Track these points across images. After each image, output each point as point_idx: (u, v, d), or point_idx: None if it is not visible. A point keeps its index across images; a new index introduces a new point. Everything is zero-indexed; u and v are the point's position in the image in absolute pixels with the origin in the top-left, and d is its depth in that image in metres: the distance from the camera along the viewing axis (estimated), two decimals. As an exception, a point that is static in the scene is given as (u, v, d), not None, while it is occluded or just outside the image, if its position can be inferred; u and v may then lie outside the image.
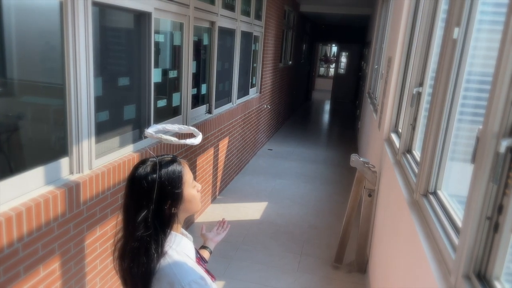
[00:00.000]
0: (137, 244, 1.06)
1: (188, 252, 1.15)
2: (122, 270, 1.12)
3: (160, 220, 1.08)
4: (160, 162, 1.12)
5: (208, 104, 4.48)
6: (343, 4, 9.66)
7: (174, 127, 1.19)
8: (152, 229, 1.06)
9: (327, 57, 19.08)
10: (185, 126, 1.19)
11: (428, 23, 2.44)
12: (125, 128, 2.81)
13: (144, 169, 1.11)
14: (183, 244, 1.15)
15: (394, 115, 3.25)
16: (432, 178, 1.79)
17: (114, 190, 2.51)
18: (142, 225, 1.06)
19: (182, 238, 1.16)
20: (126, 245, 1.09)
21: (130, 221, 1.08)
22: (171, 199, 1.10)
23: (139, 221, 1.05)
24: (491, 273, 1.09)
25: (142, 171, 1.10)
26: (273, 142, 7.69)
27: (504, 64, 1.04)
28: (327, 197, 5.13)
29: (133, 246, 1.06)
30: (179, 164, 1.14)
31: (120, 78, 2.74)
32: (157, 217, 1.08)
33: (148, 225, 1.06)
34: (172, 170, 1.11)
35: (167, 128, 1.18)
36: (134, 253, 1.06)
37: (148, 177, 1.08)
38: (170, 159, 1.15)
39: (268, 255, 3.61)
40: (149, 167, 1.11)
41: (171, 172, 1.11)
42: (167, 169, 1.10)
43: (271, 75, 7.43)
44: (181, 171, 1.13)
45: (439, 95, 1.74)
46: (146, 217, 1.06)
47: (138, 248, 1.06)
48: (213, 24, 4.26)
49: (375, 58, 6.55)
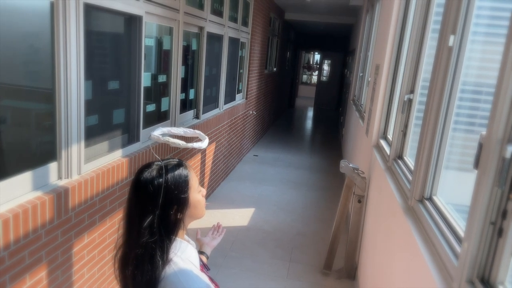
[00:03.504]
0: (142, 251, 1.02)
1: (192, 259, 1.12)
2: (125, 278, 1.07)
3: (166, 226, 1.05)
4: (166, 166, 1.08)
5: (196, 109, 4.44)
6: (326, 13, 9.79)
7: (180, 130, 1.16)
8: (158, 236, 1.02)
9: (310, 65, 19.28)
10: (190, 129, 1.17)
11: (419, 32, 2.48)
12: (115, 133, 2.75)
13: (149, 173, 1.07)
14: (189, 251, 1.12)
15: (382, 122, 3.29)
16: (428, 184, 1.81)
17: (103, 196, 2.45)
18: (147, 231, 1.02)
19: (187, 245, 1.13)
20: (129, 252, 1.05)
21: (134, 227, 1.04)
22: (177, 204, 1.07)
23: (144, 227, 1.01)
24: (495, 278, 1.10)
25: (147, 175, 1.06)
26: (259, 148, 7.68)
27: (508, 72, 1.05)
28: (314, 203, 5.14)
29: (137, 253, 1.02)
30: (185, 168, 1.11)
31: (110, 81, 2.69)
32: (162, 223, 1.04)
33: (154, 231, 1.02)
34: (178, 174, 1.08)
35: (172, 131, 1.15)
36: (138, 260, 1.02)
37: (154, 181, 1.05)
38: (176, 162, 1.11)
39: (256, 262, 3.58)
40: (154, 171, 1.07)
41: (177, 176, 1.08)
42: (173, 173, 1.07)
43: (256, 81, 7.45)
44: (187, 175, 1.10)
45: (434, 100, 1.76)
46: (151, 223, 1.02)
47: (142, 255, 1.02)
48: (202, 29, 4.24)
49: (359, 66, 6.65)
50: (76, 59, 2.09)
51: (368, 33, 5.97)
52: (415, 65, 2.51)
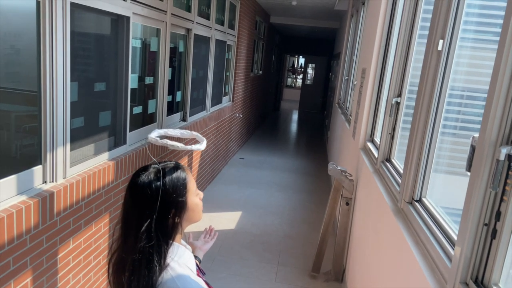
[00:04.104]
0: (139, 256, 0.99)
1: (189, 264, 1.09)
2: (120, 283, 1.04)
3: (163, 231, 1.02)
4: (164, 168, 1.06)
5: (183, 111, 4.40)
6: (311, 17, 9.87)
7: (176, 132, 1.14)
8: (155, 240, 1.00)
9: (294, 68, 19.40)
10: (187, 131, 1.15)
11: (406, 37, 2.51)
12: (101, 135, 2.70)
13: (147, 176, 1.04)
14: (186, 256, 1.09)
15: (369, 125, 3.32)
16: (418, 186, 1.83)
17: (89, 200, 2.39)
18: (144, 235, 0.99)
19: (185, 250, 1.10)
20: (125, 256, 1.02)
21: (131, 231, 1.01)
22: (175, 208, 1.04)
23: (141, 231, 0.99)
24: (490, 279, 1.11)
25: (145, 178, 1.04)
26: (245, 151, 7.66)
27: (501, 76, 1.07)
28: (301, 206, 5.15)
29: (134, 258, 0.99)
30: (183, 171, 1.09)
31: (96, 83, 2.64)
32: (160, 227, 1.01)
33: (151, 235, 1.00)
34: (176, 177, 1.06)
35: (169, 133, 1.13)
36: (134, 265, 0.99)
37: (152, 184, 1.02)
38: (174, 165, 1.09)
39: (245, 266, 3.56)
40: (152, 174, 1.05)
41: (175, 179, 1.05)
42: (171, 176, 1.05)
43: (243, 84, 7.44)
44: (185, 178, 1.08)
45: (424, 103, 1.78)
46: (149, 227, 1.00)
47: (139, 260, 0.99)
48: (189, 31, 4.21)
49: (344, 69, 6.71)
50: (63, 60, 2.04)
51: (353, 37, 6.03)
52: (402, 69, 2.55)
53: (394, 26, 3.02)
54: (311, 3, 7.76)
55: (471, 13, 1.75)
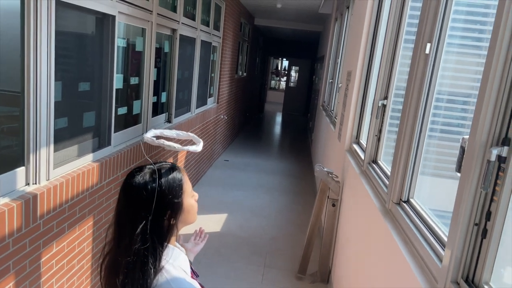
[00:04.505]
0: (133, 258, 0.96)
1: (184, 266, 1.07)
2: (113, 286, 1.01)
3: (158, 232, 1.00)
4: (160, 169, 1.04)
5: (168, 113, 4.35)
6: (295, 20, 9.94)
7: (172, 132, 1.12)
8: (150, 242, 0.97)
9: (278, 70, 19.47)
10: (183, 132, 1.13)
11: (392, 41, 2.54)
12: (85, 136, 2.64)
13: (142, 177, 1.02)
14: (181, 258, 1.07)
15: (355, 127, 3.35)
16: (405, 186, 1.85)
17: (72, 203, 2.34)
18: (139, 237, 0.97)
19: (180, 252, 1.08)
20: (119, 259, 0.99)
21: (125, 233, 0.99)
22: (171, 209, 1.02)
23: (136, 233, 0.96)
24: (480, 278, 1.13)
25: (140, 179, 1.01)
26: (229, 153, 7.64)
27: (491, 78, 1.09)
28: (286, 207, 5.16)
29: (128, 261, 0.97)
30: (179, 172, 1.07)
31: (80, 83, 2.58)
32: (155, 229, 0.99)
33: (146, 237, 0.97)
34: (172, 178, 1.04)
35: (165, 134, 1.11)
36: (129, 268, 0.96)
37: (147, 186, 1.00)
38: (170, 166, 1.07)
39: (231, 269, 3.54)
40: (147, 174, 1.02)
41: (171, 181, 1.03)
42: (167, 177, 1.03)
43: (228, 85, 7.42)
44: (181, 179, 1.06)
45: (412, 105, 1.81)
46: (144, 229, 0.97)
47: (133, 263, 0.96)
48: (175, 31, 4.18)
49: (328, 72, 6.77)
50: (47, 59, 1.99)
51: (337, 40, 6.09)
52: (388, 72, 2.58)
53: (379, 30, 3.06)
54: (295, 6, 7.81)
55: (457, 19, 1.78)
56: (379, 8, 3.09)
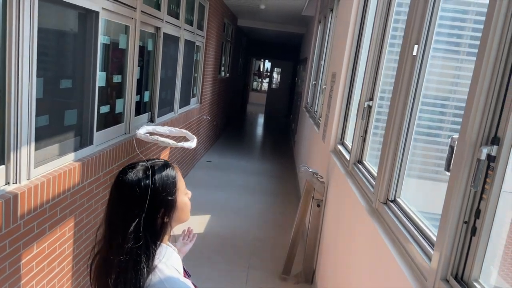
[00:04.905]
0: (126, 257, 0.94)
1: (177, 266, 1.05)
2: (104, 286, 0.97)
3: (152, 231, 0.97)
4: (153, 166, 1.01)
5: (151, 112, 4.29)
6: (278, 21, 9.98)
7: (164, 129, 1.10)
8: (143, 241, 0.95)
9: (260, 72, 19.50)
10: (176, 129, 1.11)
11: (378, 44, 2.57)
12: (66, 135, 2.57)
13: (135, 174, 0.99)
14: (174, 257, 1.05)
15: (340, 128, 3.38)
16: (392, 186, 1.87)
17: (53, 203, 2.27)
18: (132, 236, 0.94)
19: (172, 252, 1.06)
20: (111, 258, 0.96)
21: (117, 232, 0.96)
22: (165, 207, 1.00)
23: (129, 232, 0.93)
24: (470, 275, 1.15)
25: (133, 176, 0.99)
26: (212, 154, 7.59)
27: (481, 79, 1.11)
28: (270, 208, 5.16)
29: (120, 260, 0.94)
30: (173, 169, 1.05)
31: (62, 80, 2.51)
32: (148, 227, 0.97)
33: (139, 236, 0.95)
34: (166, 175, 1.02)
35: (157, 130, 1.09)
36: (121, 267, 0.94)
37: (141, 183, 0.97)
38: (163, 163, 1.05)
39: (215, 270, 3.51)
40: (140, 171, 1.00)
41: (165, 178, 1.01)
42: (161, 174, 1.00)
43: (211, 86, 7.38)
44: (175, 176, 1.04)
45: (399, 105, 1.83)
46: (137, 227, 0.95)
47: (126, 262, 0.93)
48: (158, 30, 4.12)
49: (311, 74, 6.82)
50: (29, 55, 1.92)
51: (320, 42, 6.14)
52: (374, 74, 2.61)
53: (364, 33, 3.10)
54: (278, 8, 7.84)
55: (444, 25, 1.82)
56: (364, 11, 3.13)
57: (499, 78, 1.09)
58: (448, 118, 2.08)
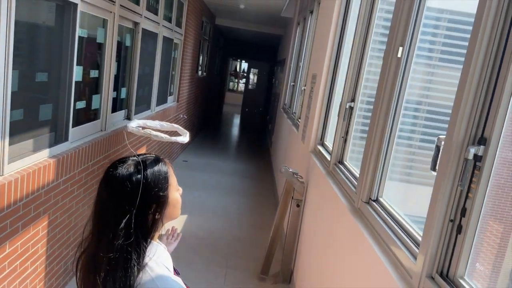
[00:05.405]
0: (116, 254, 0.90)
1: (167, 264, 1.02)
2: (92, 284, 0.93)
3: (143, 227, 0.94)
4: (145, 161, 0.98)
5: (127, 109, 4.20)
6: (257, 22, 10.00)
7: (155, 123, 1.07)
8: (134, 238, 0.91)
9: (236, 72, 19.47)
10: (167, 123, 1.08)
11: (360, 46, 2.61)
12: (41, 130, 2.48)
13: (126, 168, 0.96)
14: (164, 255, 1.02)
15: (320, 129, 3.40)
16: (375, 185, 1.89)
17: (27, 201, 2.18)
18: (122, 232, 0.90)
19: (164, 250, 1.03)
20: (101, 255, 0.92)
21: (107, 228, 0.92)
22: (156, 203, 0.97)
23: (120, 228, 0.90)
24: (455, 272, 1.17)
25: (124, 171, 0.95)
26: (188, 154, 7.51)
27: (469, 80, 1.14)
28: (247, 209, 5.15)
29: (110, 258, 0.90)
30: (165, 164, 1.02)
31: (38, 73, 2.42)
32: (139, 223, 0.93)
33: (130, 232, 0.91)
34: (158, 170, 0.99)
35: (148, 124, 1.05)
36: (111, 265, 0.90)
37: (132, 177, 0.94)
38: (154, 158, 1.02)
39: (192, 271, 3.46)
40: (132, 166, 0.96)
41: (157, 173, 0.98)
42: (152, 169, 0.97)
43: (188, 84, 7.30)
44: (167, 171, 1.01)
45: (382, 108, 1.85)
46: (128, 223, 0.91)
47: (116, 260, 0.90)
48: (137, 25, 4.04)
49: (290, 75, 6.86)
50: (5, 46, 1.85)
51: (299, 44, 6.19)
52: (356, 76, 2.64)
53: (345, 35, 3.14)
54: (258, 8, 7.85)
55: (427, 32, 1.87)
56: (345, 13, 3.17)
57: (487, 79, 1.12)
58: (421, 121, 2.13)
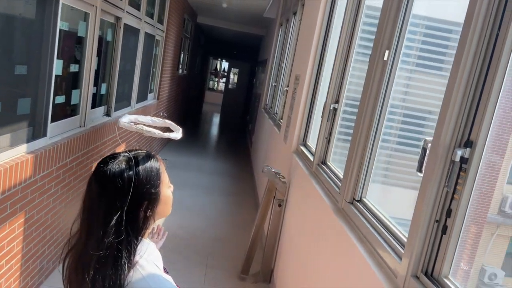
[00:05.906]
0: (105, 252, 0.88)
1: (157, 262, 1.00)
2: (79, 283, 0.90)
3: (134, 225, 0.92)
4: (136, 157, 0.96)
5: (107, 106, 4.11)
6: (239, 21, 9.98)
7: (147, 118, 1.04)
8: (124, 235, 0.89)
9: (217, 71, 19.40)
10: (159, 119, 1.06)
11: (345, 48, 2.64)
12: (19, 125, 2.40)
13: (117, 164, 0.93)
14: (155, 253, 1.00)
15: (303, 129, 3.43)
16: (359, 186, 1.92)
17: (3, 197, 2.10)
18: (113, 230, 0.88)
19: (154, 248, 1.01)
20: (90, 253, 0.89)
21: (97, 225, 0.89)
22: (148, 200, 0.95)
23: (110, 225, 0.87)
24: (440, 272, 1.20)
25: (115, 167, 0.93)
26: (168, 152, 7.42)
27: (458, 83, 1.17)
28: (227, 208, 5.13)
29: (99, 256, 0.87)
30: (157, 161, 1.00)
31: (16, 65, 2.33)
32: (130, 221, 0.91)
33: (121, 230, 0.89)
34: (150, 166, 0.97)
35: (140, 120, 1.03)
36: (100, 263, 0.87)
37: (123, 174, 0.92)
38: (146, 154, 1.00)
39: (172, 270, 3.38)
40: (123, 162, 0.94)
41: (149, 169, 0.96)
42: (144, 166, 0.95)
43: (169, 82, 7.22)
44: (159, 168, 0.99)
45: (368, 110, 1.88)
46: (118, 220, 0.89)
47: (105, 258, 0.87)
48: (119, 20, 3.96)
49: (272, 76, 6.88)
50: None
51: (282, 45, 6.21)
52: (340, 78, 2.67)
53: (330, 37, 3.17)
54: (241, 7, 7.84)
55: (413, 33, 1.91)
56: (330, 15, 3.20)
57: (474, 83, 1.15)
58: (397, 124, 2.18)
